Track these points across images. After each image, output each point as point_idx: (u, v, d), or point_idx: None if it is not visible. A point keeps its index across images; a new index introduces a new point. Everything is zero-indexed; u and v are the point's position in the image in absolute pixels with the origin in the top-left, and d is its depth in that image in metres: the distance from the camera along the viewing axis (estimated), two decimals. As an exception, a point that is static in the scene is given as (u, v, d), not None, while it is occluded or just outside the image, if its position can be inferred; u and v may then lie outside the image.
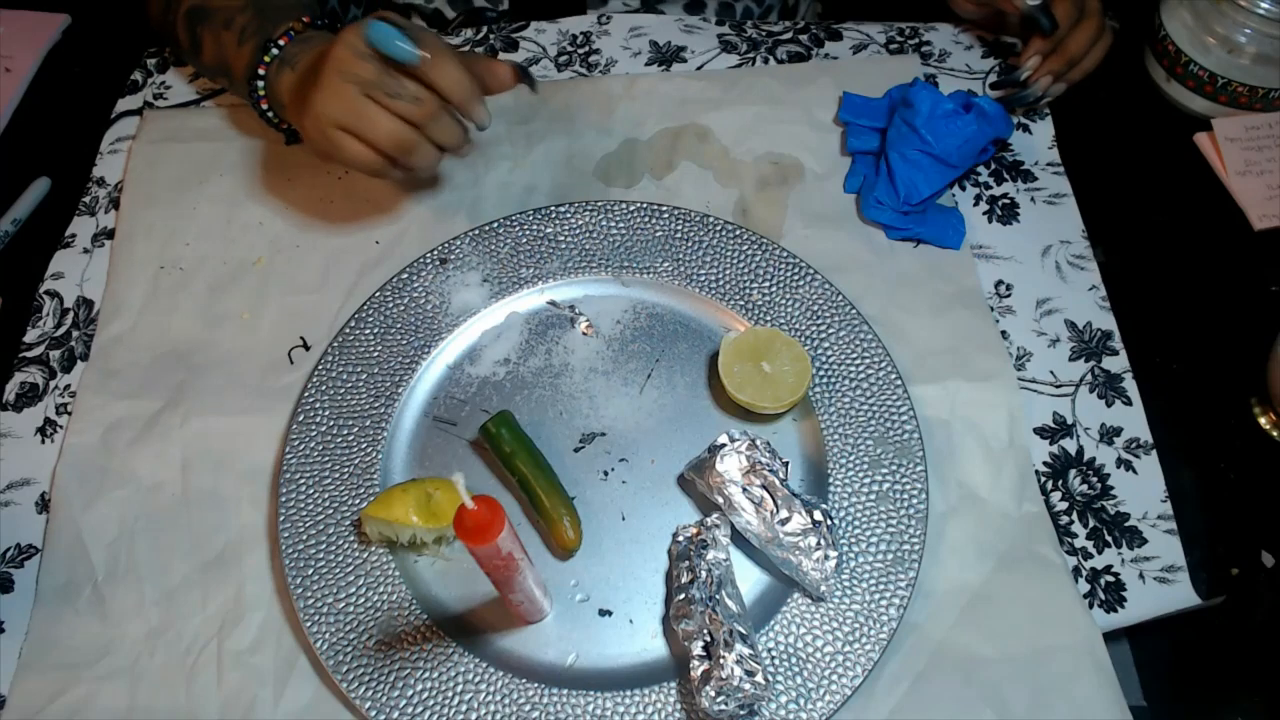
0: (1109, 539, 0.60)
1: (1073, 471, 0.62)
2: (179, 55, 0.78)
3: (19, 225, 0.74)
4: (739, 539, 0.59)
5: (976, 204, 0.73)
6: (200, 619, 0.58)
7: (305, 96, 0.60)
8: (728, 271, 0.68)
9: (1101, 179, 0.75)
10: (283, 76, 0.65)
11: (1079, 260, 0.70)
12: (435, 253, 0.69)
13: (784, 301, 0.66)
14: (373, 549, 0.59)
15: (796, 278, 0.67)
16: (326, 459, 0.61)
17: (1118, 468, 0.62)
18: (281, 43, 0.65)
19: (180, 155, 0.76)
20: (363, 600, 0.57)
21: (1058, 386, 0.65)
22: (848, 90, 0.77)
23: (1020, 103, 0.75)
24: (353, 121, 0.57)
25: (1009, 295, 0.69)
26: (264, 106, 0.67)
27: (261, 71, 0.66)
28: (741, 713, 0.52)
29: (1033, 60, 0.74)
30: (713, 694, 0.51)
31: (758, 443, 0.58)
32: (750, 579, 0.58)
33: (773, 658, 0.55)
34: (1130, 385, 0.65)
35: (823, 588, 0.56)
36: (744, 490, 0.57)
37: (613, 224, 0.70)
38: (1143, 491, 0.61)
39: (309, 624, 0.56)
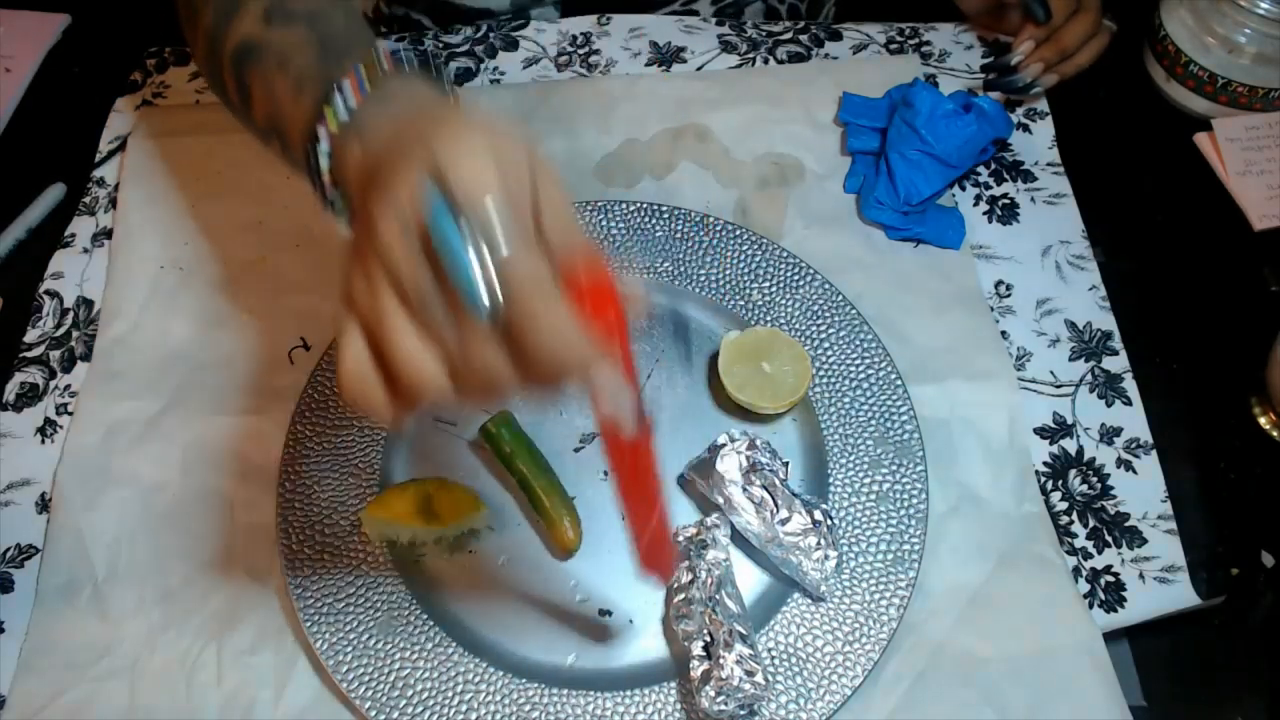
0: (1109, 539, 0.60)
1: (1073, 471, 0.62)
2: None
3: (30, 232, 0.74)
4: (739, 539, 0.59)
5: (976, 204, 0.73)
6: (200, 619, 0.58)
7: (360, 205, 0.40)
8: (728, 271, 0.68)
9: (1101, 179, 0.74)
10: (350, 151, 0.42)
11: (1079, 260, 0.70)
12: (435, 253, 0.68)
13: (784, 301, 0.66)
14: (373, 549, 0.59)
15: (796, 278, 0.67)
16: (326, 459, 0.61)
17: (1118, 468, 0.62)
18: (350, 93, 0.43)
19: (179, 154, 0.76)
20: (363, 600, 0.57)
21: (1058, 386, 0.65)
22: (848, 90, 0.77)
23: (1009, 88, 0.75)
24: (369, 325, 0.36)
25: (1009, 295, 0.69)
26: (328, 189, 0.45)
27: (322, 132, 0.43)
28: (741, 713, 0.52)
29: (1025, 45, 0.74)
30: (713, 694, 0.51)
31: (758, 443, 0.58)
32: (750, 579, 0.58)
33: (773, 658, 0.55)
34: (1130, 385, 0.65)
35: (823, 588, 0.56)
36: (744, 490, 0.57)
37: (613, 224, 0.70)
38: (1143, 491, 0.61)
39: (309, 624, 0.56)
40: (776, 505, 0.56)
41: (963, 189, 0.74)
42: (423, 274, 0.34)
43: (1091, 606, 0.57)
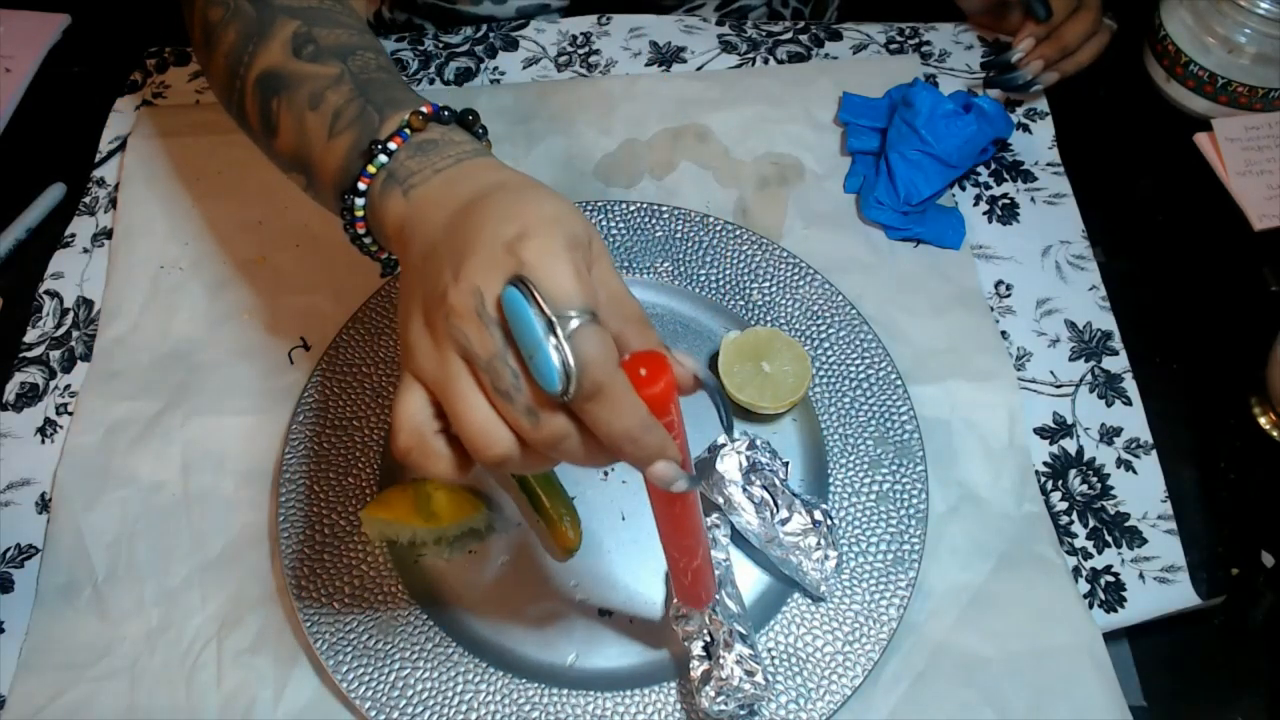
0: (1109, 539, 0.60)
1: (1073, 471, 0.62)
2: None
3: (30, 232, 0.74)
4: (739, 539, 0.59)
5: (976, 204, 0.73)
6: (200, 619, 0.58)
7: (418, 263, 0.40)
8: (728, 271, 0.68)
9: (1101, 179, 0.75)
10: (391, 199, 0.44)
11: (1079, 260, 0.70)
12: (435, 253, 0.68)
13: (784, 301, 0.66)
14: (373, 549, 0.59)
15: (796, 278, 0.67)
16: (327, 459, 0.61)
17: (1118, 468, 0.62)
18: (393, 146, 0.45)
19: (178, 153, 0.76)
20: (363, 601, 0.57)
21: (1058, 386, 0.65)
22: (848, 90, 0.77)
23: (1009, 85, 0.75)
24: (437, 387, 0.38)
25: (1009, 295, 0.69)
26: (360, 231, 0.47)
27: (363, 186, 0.45)
28: (741, 713, 0.52)
29: (1026, 43, 0.75)
30: (713, 694, 0.51)
31: (758, 443, 0.58)
32: (750, 579, 0.58)
33: (773, 658, 0.55)
34: (1130, 385, 0.65)
35: (823, 588, 0.56)
36: (744, 490, 0.57)
37: (613, 224, 0.70)
38: (1143, 491, 0.61)
39: (309, 624, 0.56)
40: (776, 505, 0.56)
41: (963, 189, 0.74)
42: (498, 351, 0.35)
43: (1091, 606, 0.57)
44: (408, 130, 0.45)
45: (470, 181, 0.42)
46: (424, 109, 0.46)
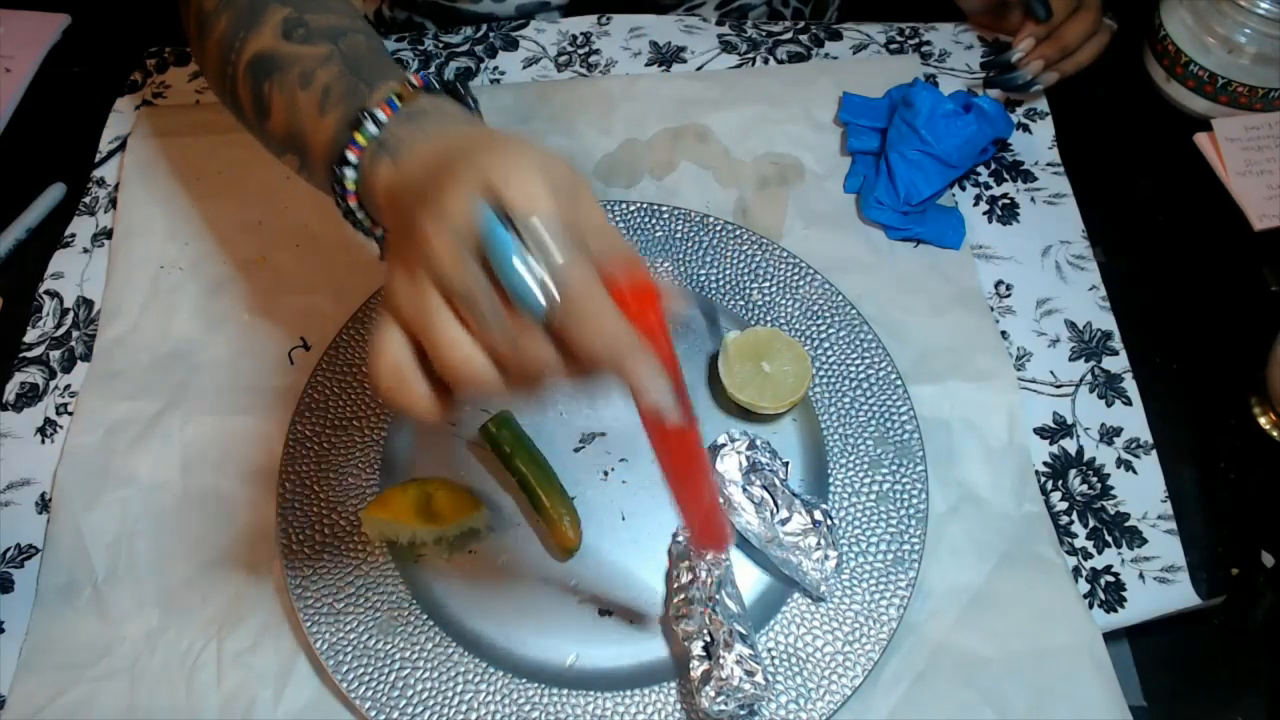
0: (1109, 539, 0.60)
1: (1073, 471, 0.62)
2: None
3: (30, 232, 0.74)
4: (739, 539, 0.59)
5: (976, 204, 0.73)
6: (200, 619, 0.58)
7: (401, 219, 0.40)
8: (728, 271, 0.68)
9: (1101, 179, 0.75)
10: (380, 167, 0.44)
11: (1079, 260, 0.70)
12: (435, 253, 0.68)
13: (784, 301, 0.66)
14: (373, 549, 0.59)
15: (796, 278, 0.67)
16: (326, 459, 0.61)
17: (1118, 468, 0.62)
18: (382, 115, 0.44)
19: (179, 154, 0.76)
20: (363, 600, 0.57)
21: (1058, 386, 0.65)
22: (848, 90, 0.77)
23: (1009, 85, 0.75)
24: (415, 324, 0.37)
25: (1009, 295, 0.69)
26: (352, 204, 0.47)
27: (353, 157, 0.45)
28: (741, 713, 0.52)
29: (1026, 42, 0.75)
30: (712, 694, 0.51)
31: (758, 443, 0.58)
32: (750, 579, 0.58)
33: (773, 658, 0.55)
34: (1130, 385, 0.65)
35: (823, 588, 0.56)
36: (744, 490, 0.57)
37: (613, 224, 0.70)
38: (1143, 491, 0.61)
39: (309, 624, 0.56)
40: (776, 505, 0.56)
41: (963, 189, 0.74)
42: (474, 278, 0.35)
43: (1091, 606, 0.57)
44: (396, 99, 0.45)
45: (458, 140, 0.42)
46: (413, 80, 0.46)
